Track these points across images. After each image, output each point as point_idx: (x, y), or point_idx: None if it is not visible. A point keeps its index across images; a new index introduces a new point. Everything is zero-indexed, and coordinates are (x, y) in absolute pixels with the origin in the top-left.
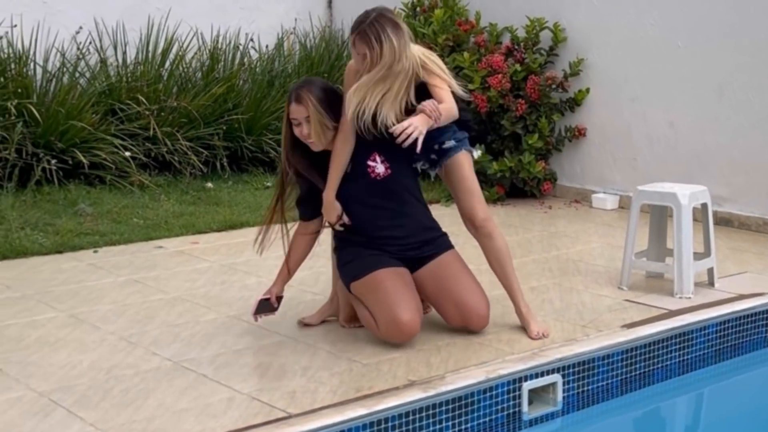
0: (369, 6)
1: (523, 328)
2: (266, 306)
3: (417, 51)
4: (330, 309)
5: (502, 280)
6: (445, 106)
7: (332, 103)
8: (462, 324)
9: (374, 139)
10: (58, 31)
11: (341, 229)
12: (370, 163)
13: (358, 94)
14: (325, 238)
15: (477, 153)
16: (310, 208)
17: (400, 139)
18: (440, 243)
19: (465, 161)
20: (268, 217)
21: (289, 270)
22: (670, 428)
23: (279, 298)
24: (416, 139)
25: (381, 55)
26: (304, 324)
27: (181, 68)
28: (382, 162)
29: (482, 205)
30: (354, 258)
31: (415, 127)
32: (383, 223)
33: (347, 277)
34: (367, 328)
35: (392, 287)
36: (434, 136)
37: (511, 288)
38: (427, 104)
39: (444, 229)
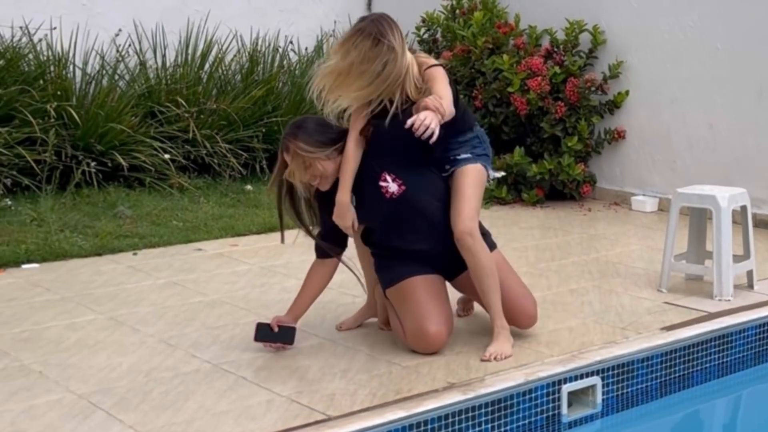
0: (407, 7)
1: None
2: (267, 332)
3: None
4: (368, 312)
5: (481, 296)
6: (445, 101)
7: (326, 136)
8: (511, 324)
9: (381, 158)
10: (98, 34)
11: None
12: (381, 183)
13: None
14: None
15: (495, 175)
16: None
17: (418, 132)
18: None
19: (471, 173)
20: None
21: (303, 303)
22: (709, 431)
23: (292, 331)
24: (433, 132)
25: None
26: (342, 328)
27: (220, 71)
28: (393, 180)
29: (467, 218)
30: (388, 265)
31: (431, 119)
32: (411, 238)
33: (382, 282)
34: (395, 335)
35: (423, 297)
36: (451, 148)
37: (488, 306)
38: (428, 100)
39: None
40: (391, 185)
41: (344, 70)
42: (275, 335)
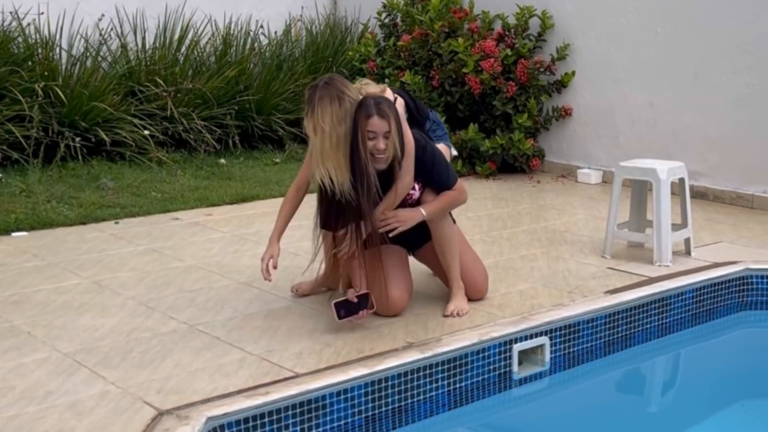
0: None
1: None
2: (349, 307)
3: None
4: (324, 283)
5: (442, 260)
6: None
7: (399, 122)
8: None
9: (416, 171)
10: (83, 19)
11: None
12: (411, 191)
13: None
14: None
15: (454, 152)
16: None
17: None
18: None
19: None
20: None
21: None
22: (650, 387)
23: (368, 295)
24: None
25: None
26: (298, 292)
27: (196, 53)
28: (419, 189)
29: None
30: None
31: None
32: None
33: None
34: None
35: (389, 264)
36: None
37: (449, 269)
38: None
39: None
40: (416, 192)
41: (328, 140)
42: (356, 306)
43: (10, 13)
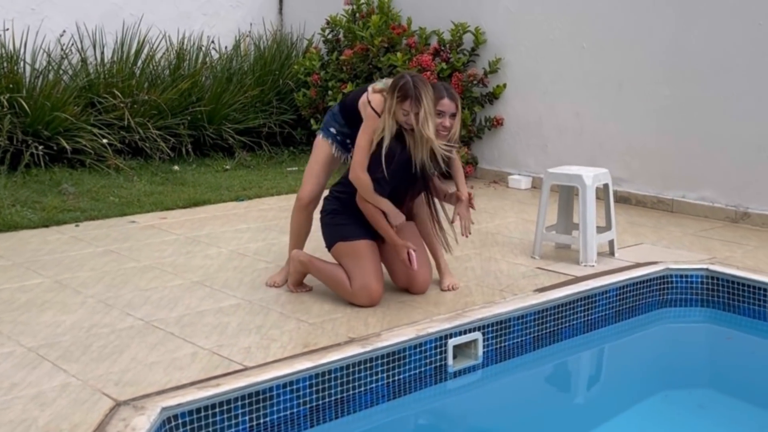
0: (314, 13)
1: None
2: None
3: None
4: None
5: (429, 243)
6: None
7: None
8: (406, 287)
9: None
10: (45, 35)
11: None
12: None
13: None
14: (276, 214)
15: None
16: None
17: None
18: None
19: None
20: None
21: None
22: (576, 379)
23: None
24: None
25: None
26: (275, 284)
27: (151, 66)
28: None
29: None
30: (349, 223)
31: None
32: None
33: (337, 235)
34: (334, 287)
35: (371, 258)
36: None
37: (435, 250)
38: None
39: None
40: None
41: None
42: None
43: None
